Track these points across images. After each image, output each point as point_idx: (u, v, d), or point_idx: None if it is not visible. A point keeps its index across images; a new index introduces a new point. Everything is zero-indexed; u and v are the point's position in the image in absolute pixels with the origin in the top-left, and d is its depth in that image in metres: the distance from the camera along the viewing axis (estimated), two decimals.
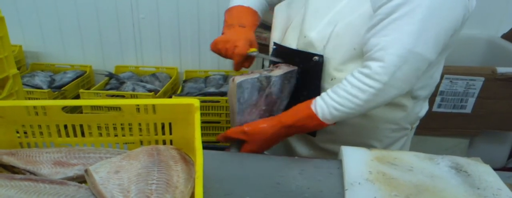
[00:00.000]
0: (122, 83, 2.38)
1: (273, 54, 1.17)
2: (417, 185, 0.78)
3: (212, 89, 2.34)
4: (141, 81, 2.46)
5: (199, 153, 0.69)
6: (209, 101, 2.27)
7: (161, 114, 0.82)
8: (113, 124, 0.83)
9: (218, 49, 1.10)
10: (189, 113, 0.80)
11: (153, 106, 0.81)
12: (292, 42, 1.11)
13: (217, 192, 0.79)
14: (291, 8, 1.17)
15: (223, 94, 2.31)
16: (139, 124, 0.84)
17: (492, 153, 2.07)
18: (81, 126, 0.83)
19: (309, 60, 1.04)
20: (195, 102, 0.79)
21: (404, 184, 0.78)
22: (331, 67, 1.03)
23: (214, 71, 2.60)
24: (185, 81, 2.50)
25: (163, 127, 0.86)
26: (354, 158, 0.87)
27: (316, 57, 1.03)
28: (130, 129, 0.84)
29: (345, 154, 0.89)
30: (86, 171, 0.71)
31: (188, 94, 2.31)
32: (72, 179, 0.73)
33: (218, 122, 2.33)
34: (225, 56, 1.10)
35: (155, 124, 0.84)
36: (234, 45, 1.06)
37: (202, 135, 2.28)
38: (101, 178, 0.68)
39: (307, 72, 1.08)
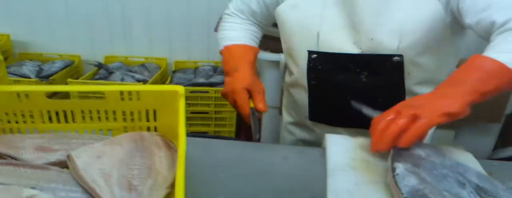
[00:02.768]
0: (111, 73, 2.38)
1: (311, 63, 1.06)
2: None
3: (201, 80, 2.35)
4: (130, 71, 2.46)
5: (182, 139, 0.69)
6: (198, 91, 2.27)
7: (145, 100, 0.82)
8: (97, 111, 0.82)
9: (230, 102, 1.06)
10: (174, 99, 0.80)
11: (138, 92, 0.80)
12: (344, 46, 1.01)
13: (200, 177, 0.80)
14: (302, 10, 1.05)
15: (212, 85, 2.31)
16: (123, 111, 0.84)
17: (477, 144, 2.09)
18: (64, 112, 0.83)
19: (385, 62, 0.99)
20: (179, 88, 0.79)
21: (386, 170, 0.79)
22: (407, 62, 0.98)
23: (204, 62, 2.60)
24: (174, 72, 2.50)
25: (148, 114, 0.86)
26: (338, 146, 0.87)
27: (397, 58, 0.97)
28: (114, 115, 0.83)
29: (329, 141, 0.89)
30: (68, 156, 0.71)
31: (178, 85, 2.31)
32: (54, 164, 0.73)
33: (207, 113, 2.34)
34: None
35: (139, 111, 0.83)
36: (233, 99, 1.03)
37: (191, 125, 2.29)
38: (83, 163, 0.68)
39: (383, 73, 1.01)
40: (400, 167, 0.73)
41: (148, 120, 0.85)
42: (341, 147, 0.87)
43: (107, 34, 2.58)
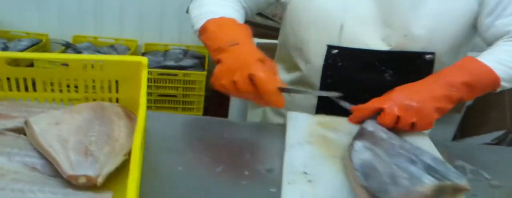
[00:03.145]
0: (78, 53, 2.34)
1: (329, 59, 0.98)
2: None
3: (171, 63, 2.34)
4: (99, 52, 2.43)
5: (142, 107, 0.70)
6: (167, 74, 2.26)
7: (108, 71, 0.81)
8: (59, 80, 0.82)
9: (224, 87, 0.78)
10: (137, 71, 0.80)
11: (101, 62, 0.80)
12: (371, 42, 0.94)
13: (158, 148, 0.81)
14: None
15: (182, 68, 2.31)
16: (86, 83, 0.83)
17: (438, 133, 2.14)
18: (25, 80, 0.82)
19: (415, 60, 0.94)
20: (143, 59, 0.79)
21: (342, 146, 0.81)
22: (437, 61, 0.96)
23: (175, 45, 2.59)
24: (143, 54, 2.49)
25: (110, 86, 0.85)
26: (297, 122, 0.90)
27: (430, 56, 0.94)
28: (76, 86, 0.83)
29: (289, 118, 0.91)
30: (26, 122, 0.70)
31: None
32: (11, 130, 0.72)
33: (175, 96, 2.34)
34: (240, 95, 0.78)
35: (102, 82, 0.83)
36: (244, 76, 0.75)
37: (158, 107, 2.29)
38: (40, 129, 0.68)
39: (411, 72, 0.95)
40: (358, 144, 0.76)
41: (110, 92, 0.85)
42: (300, 123, 0.89)
43: (76, 13, 2.53)
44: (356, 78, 0.98)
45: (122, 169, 0.67)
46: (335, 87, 0.96)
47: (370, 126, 0.83)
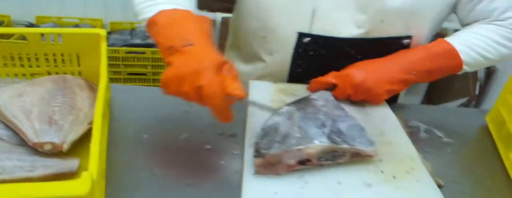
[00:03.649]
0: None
1: (300, 48, 0.92)
2: None
3: (138, 41, 2.33)
4: None
5: (103, 78, 0.71)
6: (135, 52, 2.25)
7: (67, 44, 0.82)
8: (19, 54, 0.82)
9: (175, 92, 0.67)
10: (96, 43, 0.81)
11: (59, 35, 0.81)
12: (345, 29, 0.88)
13: (125, 119, 0.83)
14: None
15: (149, 46, 2.30)
16: (46, 57, 0.84)
17: (404, 102, 2.21)
18: None
19: (392, 45, 0.91)
20: (101, 31, 0.80)
21: None
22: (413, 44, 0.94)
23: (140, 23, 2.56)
24: (109, 33, 2.46)
25: (71, 59, 0.86)
26: (259, 90, 0.92)
27: (408, 40, 0.91)
28: (37, 60, 0.84)
29: (251, 87, 0.94)
30: None
31: (113, 45, 2.28)
32: None
33: (144, 74, 2.33)
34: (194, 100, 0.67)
35: (62, 55, 0.84)
36: (194, 85, 0.64)
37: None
38: (3, 101, 0.69)
39: None
40: (284, 108, 0.78)
41: (72, 66, 0.86)
42: (261, 91, 0.92)
43: None
44: (328, 68, 0.90)
45: (88, 138, 0.68)
46: (305, 78, 0.94)
47: (315, 94, 0.85)
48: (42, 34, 0.80)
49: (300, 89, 0.94)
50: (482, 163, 0.83)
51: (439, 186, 0.71)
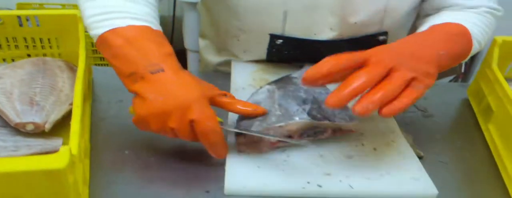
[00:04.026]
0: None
1: (273, 49, 0.90)
2: None
3: None
4: None
5: (81, 58, 0.71)
6: None
7: (46, 26, 0.81)
8: None
9: (157, 130, 0.60)
10: (74, 24, 0.80)
11: (36, 17, 0.80)
12: (318, 31, 0.85)
13: (107, 99, 0.83)
14: None
15: None
16: (25, 39, 0.83)
17: None
18: None
19: (367, 43, 0.84)
20: (77, 12, 0.79)
21: None
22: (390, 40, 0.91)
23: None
24: None
25: (50, 42, 0.85)
26: (241, 70, 0.93)
27: (384, 37, 0.89)
28: (16, 43, 0.83)
29: (234, 67, 0.94)
30: None
31: None
32: None
33: None
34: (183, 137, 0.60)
35: (41, 38, 0.83)
36: (188, 119, 0.57)
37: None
38: None
39: None
40: (265, 87, 0.76)
41: (51, 48, 0.85)
42: (244, 70, 0.92)
43: None
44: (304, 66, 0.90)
45: (71, 119, 0.68)
46: None
47: (296, 72, 0.85)
48: (19, 17, 0.79)
49: (282, 69, 0.94)
50: (462, 135, 0.85)
51: (419, 157, 0.73)
